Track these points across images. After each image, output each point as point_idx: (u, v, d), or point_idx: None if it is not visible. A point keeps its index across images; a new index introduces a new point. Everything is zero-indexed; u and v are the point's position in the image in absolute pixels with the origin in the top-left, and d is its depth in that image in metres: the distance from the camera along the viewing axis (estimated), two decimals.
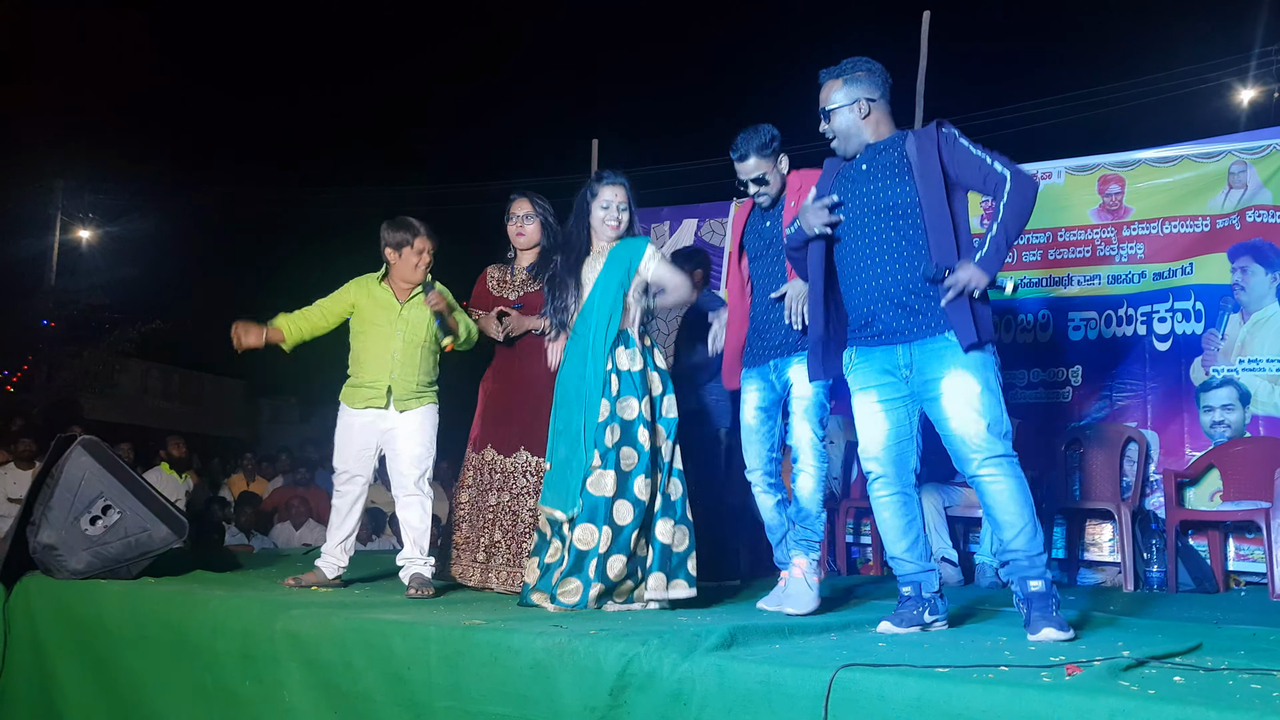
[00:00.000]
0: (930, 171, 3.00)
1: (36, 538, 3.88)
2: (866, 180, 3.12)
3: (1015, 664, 2.28)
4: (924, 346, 3.00)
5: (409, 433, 4.01)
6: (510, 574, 3.94)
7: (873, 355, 3.10)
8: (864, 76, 3.16)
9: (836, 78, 3.18)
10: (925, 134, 3.07)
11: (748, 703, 2.25)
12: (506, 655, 2.62)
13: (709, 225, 7.24)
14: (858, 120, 3.15)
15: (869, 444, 3.12)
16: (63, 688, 3.57)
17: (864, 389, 3.13)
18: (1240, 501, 4.96)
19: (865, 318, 3.10)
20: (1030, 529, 2.89)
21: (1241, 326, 5.33)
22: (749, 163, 3.62)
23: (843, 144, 3.19)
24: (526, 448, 4.04)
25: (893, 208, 3.05)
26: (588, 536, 3.42)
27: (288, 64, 25.62)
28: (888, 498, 3.10)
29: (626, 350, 3.62)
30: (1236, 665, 2.30)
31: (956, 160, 3.02)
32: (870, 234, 3.08)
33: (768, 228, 3.69)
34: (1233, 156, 5.51)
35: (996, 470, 2.90)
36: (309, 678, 2.97)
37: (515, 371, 4.16)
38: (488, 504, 4.04)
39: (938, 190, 2.99)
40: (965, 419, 2.92)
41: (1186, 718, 1.83)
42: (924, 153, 3.03)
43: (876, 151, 3.15)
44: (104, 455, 4.07)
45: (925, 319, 2.99)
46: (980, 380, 2.93)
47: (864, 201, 3.11)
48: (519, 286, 4.21)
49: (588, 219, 3.73)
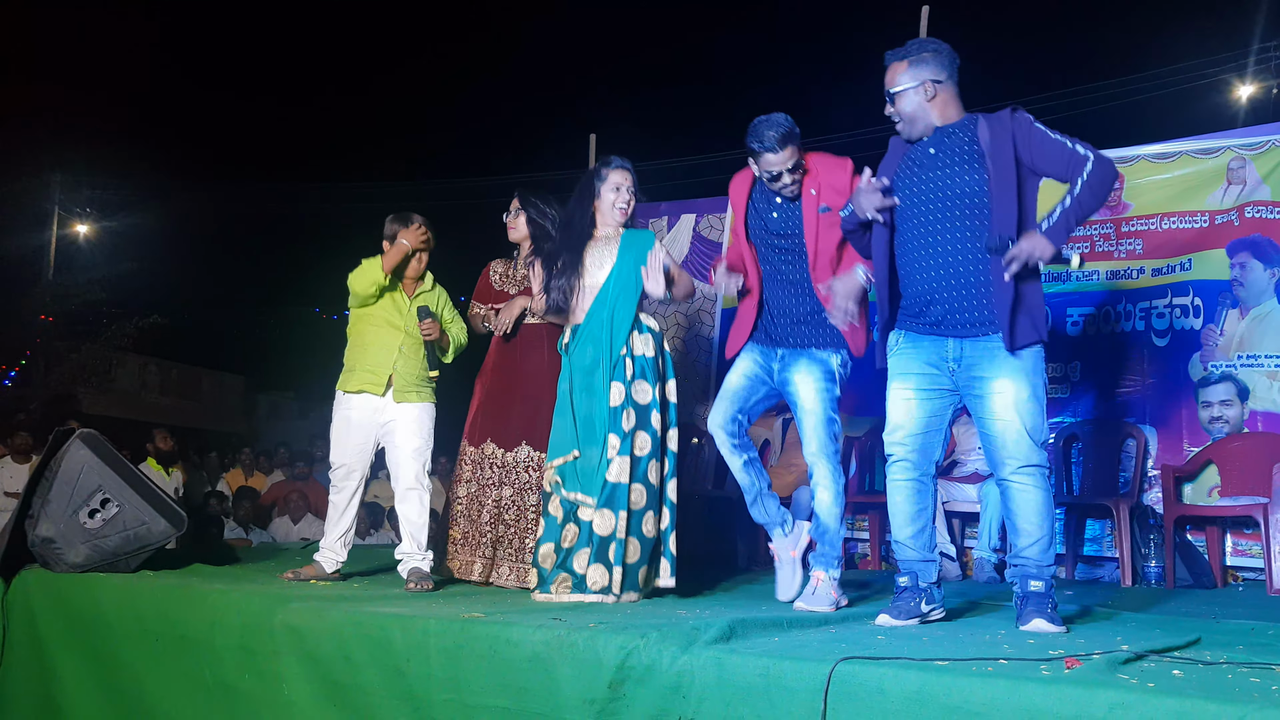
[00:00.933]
0: (1003, 159, 2.94)
1: (35, 531, 3.88)
2: (934, 165, 3.05)
3: (1014, 657, 2.28)
4: (976, 344, 2.98)
5: (407, 425, 4.01)
6: (513, 568, 3.94)
7: (921, 344, 3.07)
8: (930, 57, 3.07)
9: (901, 59, 3.09)
10: (998, 120, 3.00)
11: (747, 696, 2.25)
12: (505, 648, 2.62)
13: (707, 220, 7.24)
14: (924, 102, 3.06)
15: (896, 427, 3.09)
16: (62, 681, 3.57)
17: (904, 375, 3.09)
18: (1238, 497, 4.96)
19: (921, 305, 3.06)
20: (1046, 541, 2.91)
21: (1240, 322, 5.33)
22: (783, 153, 3.42)
23: (908, 127, 3.11)
24: (528, 442, 4.03)
25: (960, 195, 3.00)
26: (606, 522, 3.46)
27: (288, 60, 25.59)
28: (904, 482, 3.08)
29: (640, 335, 3.68)
30: (1235, 659, 2.30)
31: (1035, 146, 2.95)
32: (934, 220, 3.03)
33: (775, 219, 3.56)
34: (1231, 152, 5.51)
35: (1028, 480, 2.92)
36: (308, 671, 2.97)
37: (515, 365, 4.16)
38: (488, 499, 4.03)
39: (1009, 178, 2.93)
40: (1007, 423, 2.92)
41: (1185, 711, 1.83)
42: (997, 140, 2.95)
43: (945, 135, 3.07)
44: (102, 448, 4.07)
45: (981, 314, 2.97)
46: (1028, 386, 2.92)
47: (930, 187, 3.04)
48: (520, 281, 4.23)
49: (593, 201, 3.73)
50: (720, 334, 6.92)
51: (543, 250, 3.92)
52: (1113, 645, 2.45)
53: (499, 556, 3.98)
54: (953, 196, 3.01)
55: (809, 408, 3.51)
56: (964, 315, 2.99)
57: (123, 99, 21.16)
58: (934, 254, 3.02)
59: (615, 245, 3.73)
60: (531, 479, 4.00)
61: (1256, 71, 12.09)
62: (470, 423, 4.22)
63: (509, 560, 3.96)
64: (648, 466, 3.56)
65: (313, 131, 24.72)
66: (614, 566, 3.44)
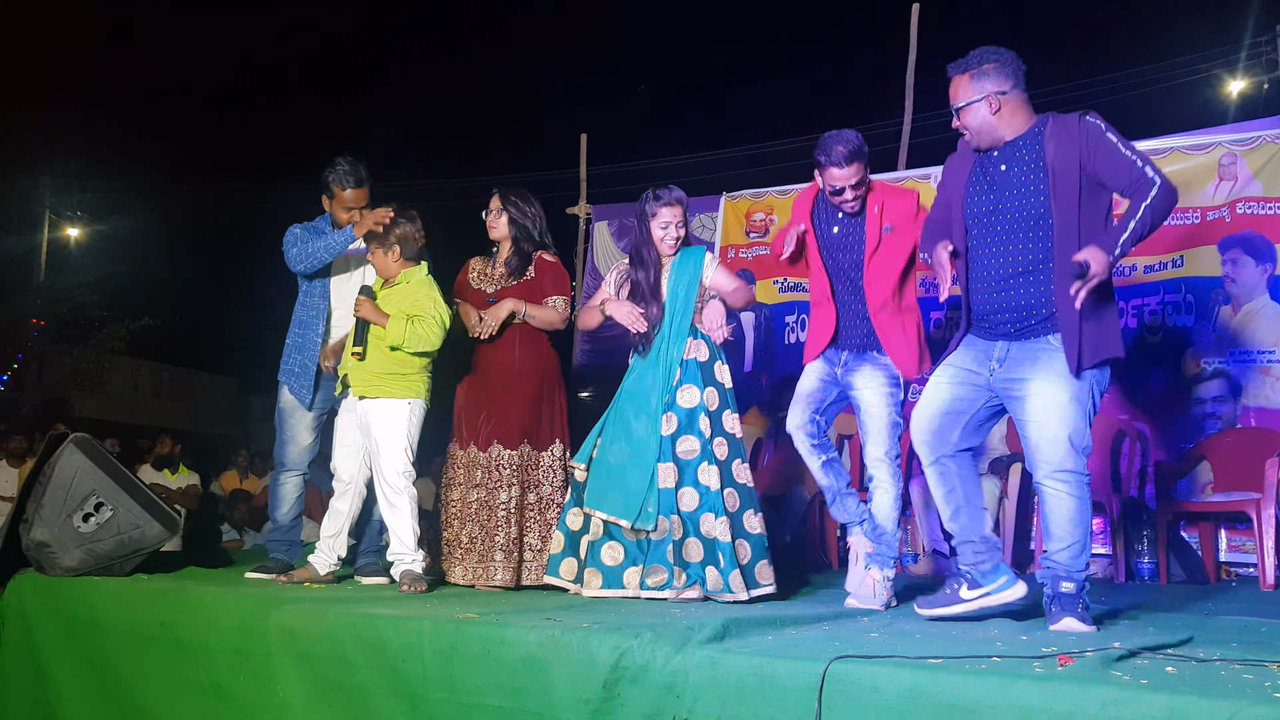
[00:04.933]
0: (1067, 175, 2.91)
1: (29, 535, 3.87)
2: (1006, 185, 3.03)
3: (1008, 655, 2.28)
4: (1023, 345, 2.99)
5: (373, 423, 3.94)
6: (484, 569, 3.93)
7: (975, 344, 3.11)
8: (992, 69, 3.01)
9: (964, 72, 3.04)
10: (1066, 127, 2.95)
11: (741, 695, 2.25)
12: (500, 648, 2.62)
13: (699, 220, 7.24)
14: (989, 116, 3.02)
15: (917, 414, 3.13)
16: (57, 685, 3.56)
17: (944, 366, 3.14)
18: (1231, 493, 4.97)
19: (981, 314, 3.09)
20: (1079, 547, 2.90)
21: (1232, 318, 5.35)
22: (849, 169, 3.49)
23: (976, 140, 3.08)
24: (499, 440, 4.04)
25: (1026, 218, 2.99)
26: (661, 525, 3.60)
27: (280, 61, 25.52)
28: (931, 466, 3.12)
29: (694, 340, 3.84)
30: (1229, 656, 2.30)
31: (1101, 159, 2.90)
32: (1001, 237, 3.03)
33: (835, 234, 3.65)
34: (1223, 148, 5.53)
35: (1064, 486, 2.89)
36: (303, 673, 2.96)
37: (482, 365, 4.17)
38: (470, 500, 4.03)
39: (1071, 195, 2.91)
40: (1046, 425, 2.90)
41: (1179, 707, 1.84)
42: (1063, 152, 2.92)
43: (1015, 149, 3.03)
44: (96, 452, 4.05)
45: (1034, 321, 2.98)
46: (1071, 390, 2.89)
47: (999, 206, 3.04)
48: (497, 280, 4.19)
49: (651, 239, 3.89)
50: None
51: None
52: (1106, 642, 2.46)
53: (494, 559, 3.96)
54: (1021, 218, 3.00)
55: (872, 411, 3.59)
56: (1017, 324, 3.01)
57: (112, 100, 21.10)
58: (996, 271, 3.04)
59: (668, 270, 3.91)
60: (502, 477, 4.00)
61: (1247, 67, 12.12)
62: (454, 425, 4.21)
63: (488, 561, 3.94)
64: (698, 470, 3.66)
65: (306, 133, 24.68)
66: (673, 566, 3.57)
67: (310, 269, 4.25)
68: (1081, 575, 2.90)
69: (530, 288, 4.12)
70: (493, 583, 3.92)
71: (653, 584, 3.57)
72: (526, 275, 4.13)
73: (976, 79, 3.02)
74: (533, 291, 4.11)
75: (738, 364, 6.89)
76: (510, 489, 3.98)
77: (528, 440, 4.03)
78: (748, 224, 7.04)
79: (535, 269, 4.14)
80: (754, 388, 6.72)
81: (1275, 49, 10.69)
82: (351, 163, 4.31)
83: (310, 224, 4.39)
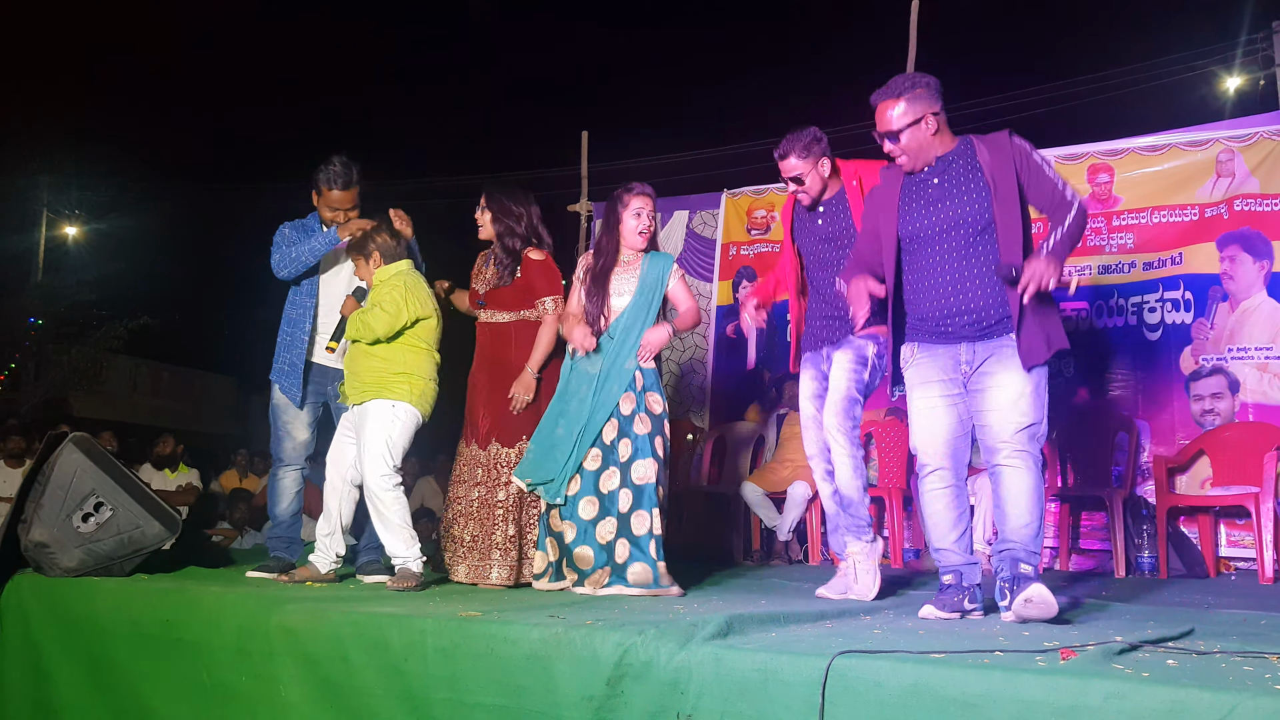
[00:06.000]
0: (1005, 181, 3.03)
1: (28, 535, 3.87)
2: (941, 197, 3.12)
3: (1010, 649, 2.29)
4: (988, 344, 3.06)
5: (361, 426, 3.97)
6: (483, 567, 3.93)
7: (936, 352, 3.14)
8: (924, 92, 3.12)
9: (895, 97, 3.13)
10: (997, 145, 3.08)
11: (745, 691, 2.26)
12: (503, 646, 2.62)
13: (700, 217, 7.25)
14: (927, 136, 3.12)
15: (927, 439, 3.15)
16: (57, 685, 3.56)
17: (925, 384, 3.16)
18: (1230, 486, 4.98)
19: (934, 321, 3.13)
20: (1035, 526, 2.97)
21: (1230, 315, 5.36)
22: (788, 162, 3.70)
23: (913, 161, 3.16)
24: (497, 438, 4.05)
25: (968, 222, 3.08)
26: (641, 522, 3.66)
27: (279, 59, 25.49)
28: (941, 490, 3.14)
29: None
30: (1229, 649, 2.32)
31: (1031, 178, 3.05)
32: (946, 248, 3.11)
33: (819, 226, 3.79)
34: (1220, 144, 5.54)
35: (1019, 463, 2.97)
36: (305, 672, 2.96)
37: (483, 363, 4.20)
38: (471, 498, 4.04)
39: (1012, 199, 3.03)
40: (1005, 412, 3.00)
41: (1180, 700, 1.85)
42: (998, 161, 3.05)
43: (947, 164, 3.15)
44: (95, 452, 4.05)
45: (993, 323, 3.05)
46: (1032, 382, 3.00)
47: (940, 218, 3.12)
48: (489, 280, 4.20)
49: (617, 226, 3.94)
50: (717, 329, 6.97)
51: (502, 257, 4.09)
52: (1107, 636, 2.46)
53: (493, 557, 3.96)
54: (963, 224, 3.09)
55: (834, 383, 3.68)
56: (978, 326, 3.07)
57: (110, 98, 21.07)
58: (948, 278, 3.10)
59: (638, 270, 3.94)
60: (501, 475, 4.01)
61: (1244, 64, 12.13)
62: (465, 422, 4.23)
63: (488, 559, 3.94)
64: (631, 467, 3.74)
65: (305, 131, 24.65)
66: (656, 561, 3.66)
67: (292, 274, 4.30)
68: (1037, 559, 2.97)
69: (520, 289, 4.12)
70: (489, 581, 3.92)
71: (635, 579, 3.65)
72: (516, 276, 4.14)
73: (911, 102, 3.11)
74: (524, 294, 4.12)
75: (740, 362, 6.90)
76: (508, 487, 3.98)
77: (526, 437, 4.04)
78: (749, 221, 7.04)
79: (523, 269, 4.13)
80: (756, 385, 6.72)
81: (1271, 45, 10.68)
82: (344, 164, 4.32)
83: (300, 221, 4.42)
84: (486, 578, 3.93)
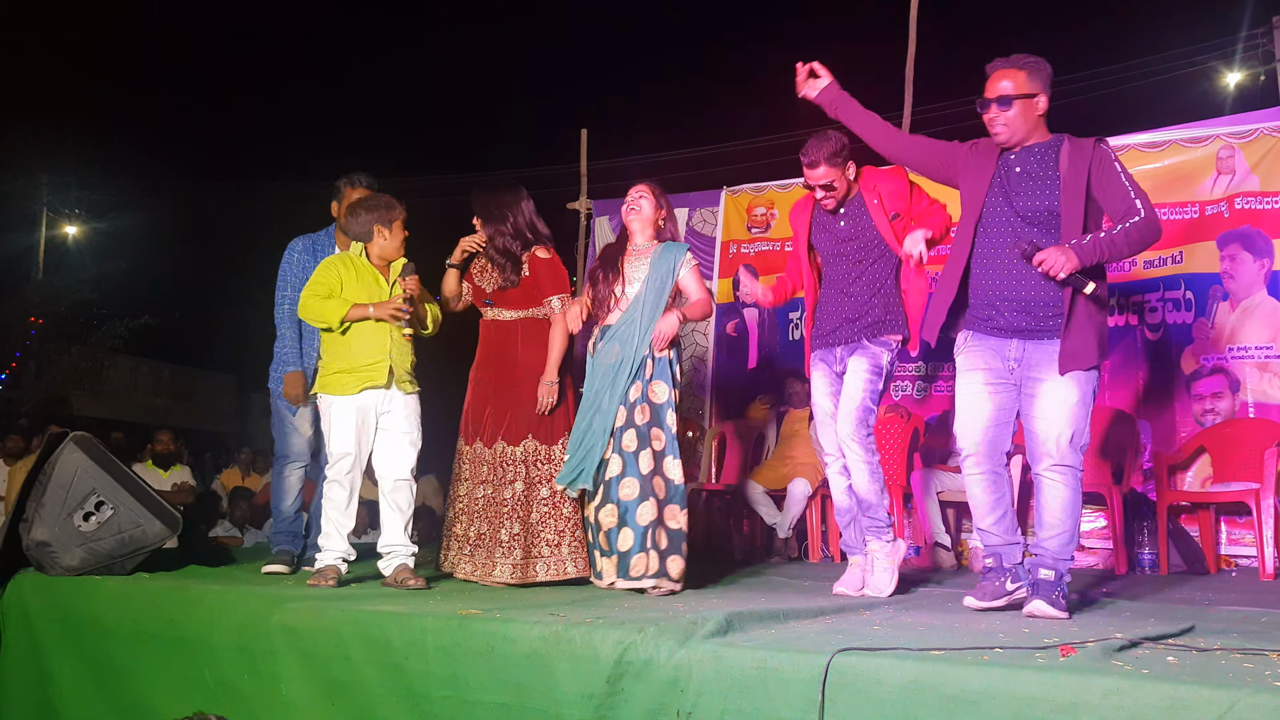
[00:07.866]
0: (1076, 186, 3.07)
1: (29, 535, 3.87)
2: (1020, 183, 3.17)
3: (1010, 646, 2.29)
4: (1038, 346, 3.12)
5: (408, 415, 3.95)
6: (489, 565, 3.92)
7: (987, 343, 3.22)
8: (1045, 73, 3.14)
9: (1020, 67, 3.14)
10: (1080, 148, 3.11)
11: (745, 688, 2.26)
12: (503, 644, 2.62)
13: (700, 214, 7.24)
14: (1034, 115, 3.14)
15: (967, 425, 3.23)
16: (59, 684, 3.56)
17: (973, 370, 3.24)
18: (1230, 483, 4.98)
19: (989, 308, 3.20)
20: (1067, 536, 3.06)
21: (1231, 314, 5.35)
22: (819, 170, 3.70)
23: (1010, 134, 3.17)
24: (504, 436, 4.04)
25: (1035, 215, 3.14)
26: (647, 512, 3.69)
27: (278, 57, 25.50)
28: (980, 475, 3.22)
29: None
30: (1229, 646, 2.32)
31: (1104, 184, 3.08)
32: (1009, 234, 3.16)
33: (842, 227, 3.81)
34: (1221, 141, 5.53)
35: (1060, 477, 3.07)
36: (306, 670, 2.97)
37: (487, 360, 4.18)
38: (476, 496, 4.03)
39: (1078, 205, 3.07)
40: (1051, 422, 3.07)
41: (1180, 697, 1.85)
42: (1075, 168, 3.08)
43: (1032, 154, 3.18)
44: (96, 451, 4.05)
45: (1045, 322, 3.11)
46: (1079, 393, 3.07)
47: (1014, 207, 3.16)
48: (493, 280, 4.19)
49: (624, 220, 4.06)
50: (717, 327, 6.96)
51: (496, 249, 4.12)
52: (1107, 633, 2.47)
53: (498, 555, 3.96)
54: (1028, 215, 3.16)
55: (849, 393, 3.70)
56: (1027, 322, 3.13)
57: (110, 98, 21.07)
58: (1006, 264, 3.16)
59: (649, 258, 3.96)
60: (508, 473, 4.00)
61: (1244, 60, 12.12)
62: (462, 421, 4.21)
63: (493, 557, 3.94)
64: (665, 460, 3.76)
65: (304, 129, 24.66)
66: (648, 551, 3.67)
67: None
68: (1065, 565, 3.06)
69: (528, 288, 4.11)
70: (496, 579, 3.91)
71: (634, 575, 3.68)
72: (524, 275, 4.12)
73: (1033, 76, 3.14)
74: (532, 292, 4.11)
75: (742, 360, 6.90)
76: (515, 485, 3.97)
77: (533, 435, 4.03)
78: (749, 219, 7.03)
79: (530, 268, 4.11)
80: (757, 383, 6.72)
81: (1272, 40, 10.67)
82: (369, 173, 4.49)
83: (313, 236, 4.46)
84: (492, 575, 3.92)
